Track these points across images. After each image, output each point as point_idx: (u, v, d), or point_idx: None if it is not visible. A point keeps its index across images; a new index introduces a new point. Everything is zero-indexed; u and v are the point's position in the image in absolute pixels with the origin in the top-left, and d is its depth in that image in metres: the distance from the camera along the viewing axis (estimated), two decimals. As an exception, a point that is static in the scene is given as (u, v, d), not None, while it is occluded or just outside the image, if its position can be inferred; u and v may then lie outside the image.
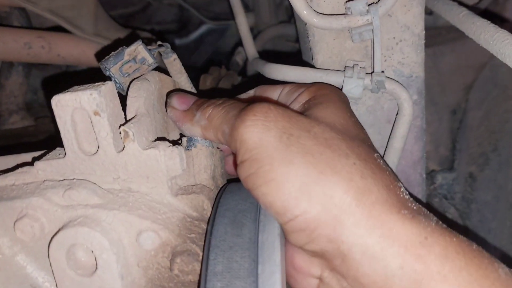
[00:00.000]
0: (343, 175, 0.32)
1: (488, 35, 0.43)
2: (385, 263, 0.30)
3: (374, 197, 0.31)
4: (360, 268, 0.31)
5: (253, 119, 0.34)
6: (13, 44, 0.72)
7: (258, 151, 0.33)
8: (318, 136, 0.34)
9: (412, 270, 0.29)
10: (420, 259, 0.30)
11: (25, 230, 0.37)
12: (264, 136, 0.33)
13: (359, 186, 0.31)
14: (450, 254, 0.30)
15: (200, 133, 0.40)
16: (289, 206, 0.32)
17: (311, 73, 0.47)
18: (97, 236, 0.35)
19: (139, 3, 1.10)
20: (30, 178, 0.40)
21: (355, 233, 0.30)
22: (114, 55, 0.44)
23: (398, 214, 0.31)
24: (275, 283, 0.31)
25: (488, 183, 0.78)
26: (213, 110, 0.39)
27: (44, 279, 0.39)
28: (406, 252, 0.30)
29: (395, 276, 0.30)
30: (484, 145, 0.80)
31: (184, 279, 0.36)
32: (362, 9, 0.44)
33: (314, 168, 0.32)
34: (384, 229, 0.30)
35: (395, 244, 0.30)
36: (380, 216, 0.31)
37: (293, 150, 0.33)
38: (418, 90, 0.50)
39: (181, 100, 0.43)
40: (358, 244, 0.30)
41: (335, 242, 0.31)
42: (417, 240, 0.30)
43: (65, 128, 0.37)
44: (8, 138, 0.80)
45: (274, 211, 0.33)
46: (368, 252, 0.30)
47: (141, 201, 0.38)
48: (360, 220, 0.31)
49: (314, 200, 0.31)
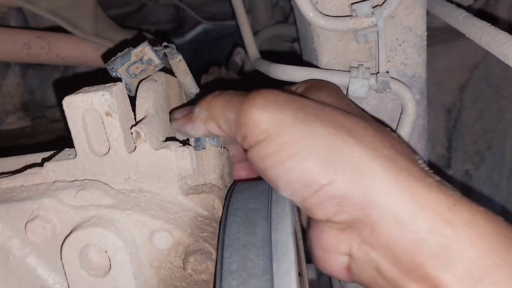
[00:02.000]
0: (367, 145, 0.32)
1: (489, 37, 0.44)
2: (415, 227, 0.30)
3: (399, 165, 0.32)
4: (390, 234, 0.31)
5: (264, 103, 0.34)
6: (12, 45, 0.71)
7: (275, 130, 0.33)
8: (332, 113, 0.34)
9: (441, 234, 0.29)
10: (448, 223, 0.30)
11: (36, 232, 0.37)
12: (279, 116, 0.33)
13: (383, 155, 0.32)
14: (478, 221, 0.30)
15: (202, 127, 0.39)
16: (317, 176, 0.32)
17: (316, 73, 0.47)
18: (111, 236, 0.35)
19: (134, 3, 1.10)
20: (40, 179, 0.39)
21: (385, 199, 0.31)
22: (121, 56, 0.44)
23: (424, 181, 0.31)
24: (291, 280, 0.32)
25: (484, 180, 0.79)
26: (212, 100, 0.38)
27: (55, 280, 0.39)
28: (435, 217, 0.30)
29: (424, 241, 0.30)
30: (479, 143, 0.82)
31: (197, 278, 0.37)
32: (367, 11, 0.45)
33: (337, 139, 0.32)
34: (413, 195, 0.30)
35: (424, 209, 0.30)
36: (408, 181, 0.31)
37: (313, 124, 0.33)
38: (420, 90, 0.51)
39: (182, 109, 0.43)
40: (388, 210, 0.31)
41: (364, 209, 0.31)
42: (446, 205, 0.30)
43: (76, 129, 0.37)
44: (5, 138, 0.79)
45: (300, 185, 0.33)
46: (398, 217, 0.30)
47: (152, 201, 0.38)
48: (388, 187, 0.31)
49: (341, 168, 0.31)
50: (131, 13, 1.11)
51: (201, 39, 1.17)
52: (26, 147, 0.74)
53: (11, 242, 0.38)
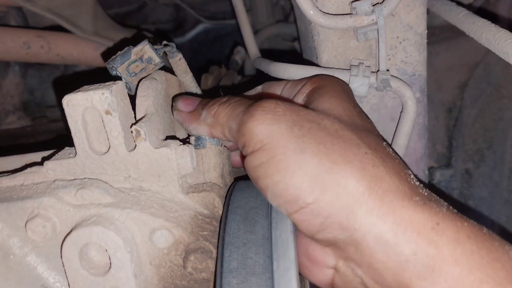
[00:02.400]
0: (355, 165, 0.32)
1: (490, 34, 0.44)
2: (399, 249, 0.31)
3: (386, 185, 0.32)
4: (374, 255, 0.31)
5: (262, 113, 0.35)
6: (12, 44, 0.71)
7: (269, 141, 0.34)
8: (328, 127, 0.34)
9: (425, 255, 0.30)
10: (432, 244, 0.30)
11: (37, 230, 0.37)
12: (275, 128, 0.34)
13: (371, 175, 0.32)
14: (461, 238, 0.30)
15: (207, 131, 0.40)
16: (302, 193, 0.32)
17: (317, 72, 0.47)
18: (111, 235, 0.35)
19: (135, 2, 1.10)
20: (40, 178, 0.39)
21: (368, 221, 0.31)
22: (121, 55, 0.44)
23: (410, 201, 0.32)
24: (291, 279, 0.32)
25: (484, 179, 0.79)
26: (218, 108, 0.39)
27: (55, 279, 0.39)
28: (418, 238, 0.30)
29: (409, 262, 0.30)
30: (479, 142, 0.82)
31: (198, 276, 0.37)
32: (367, 9, 0.45)
33: (327, 158, 0.32)
34: (397, 216, 0.31)
35: (407, 230, 0.31)
36: (392, 203, 0.31)
37: (305, 140, 0.33)
38: (421, 88, 0.51)
39: (186, 102, 0.43)
40: (371, 232, 0.31)
41: (348, 230, 0.32)
42: (429, 225, 0.31)
43: (76, 127, 0.37)
44: (5, 138, 0.79)
45: (286, 199, 0.33)
46: (382, 239, 0.31)
47: (153, 200, 0.38)
48: (372, 208, 0.31)
49: (327, 188, 0.32)
50: (132, 12, 1.11)
51: (201, 38, 1.17)
52: (26, 146, 0.74)
53: (11, 241, 0.38)
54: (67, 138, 0.39)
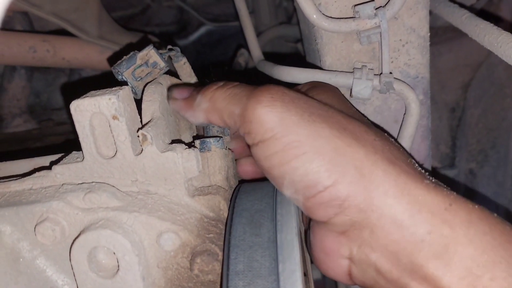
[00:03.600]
0: (369, 148, 0.33)
1: (492, 37, 0.44)
2: (414, 229, 0.31)
3: (399, 168, 0.33)
4: (390, 236, 0.32)
5: (271, 100, 0.34)
6: (18, 48, 0.72)
7: (281, 129, 0.33)
8: (335, 115, 0.35)
9: (440, 235, 0.30)
10: (446, 223, 0.30)
11: (46, 234, 0.37)
12: (285, 115, 0.34)
13: (383, 158, 0.33)
14: (474, 220, 0.31)
15: (203, 116, 0.39)
16: (321, 177, 0.32)
17: (320, 75, 0.48)
18: (119, 238, 0.36)
19: (138, 5, 1.10)
20: (48, 182, 0.40)
21: (385, 202, 0.32)
22: (126, 60, 0.44)
23: (421, 183, 0.32)
24: (296, 281, 0.32)
25: (488, 179, 0.79)
26: (216, 92, 0.38)
27: (64, 282, 0.40)
28: (433, 218, 0.31)
29: (424, 241, 0.31)
30: (483, 142, 0.82)
31: (204, 279, 0.37)
32: (370, 13, 0.45)
33: (342, 142, 0.33)
34: (411, 197, 0.31)
35: (422, 211, 0.31)
36: (407, 184, 0.32)
37: (317, 125, 0.33)
38: (424, 90, 0.51)
39: (181, 89, 0.42)
40: (387, 212, 0.31)
41: (365, 212, 0.32)
42: (443, 206, 0.31)
43: (84, 132, 0.38)
44: (12, 141, 0.80)
45: (304, 185, 0.33)
46: (397, 219, 0.31)
47: (159, 203, 0.38)
48: (388, 189, 0.32)
49: (345, 171, 0.32)
50: (135, 15, 1.11)
51: (205, 40, 1.17)
52: (33, 149, 0.74)
53: (20, 244, 0.39)
54: (74, 141, 0.39)
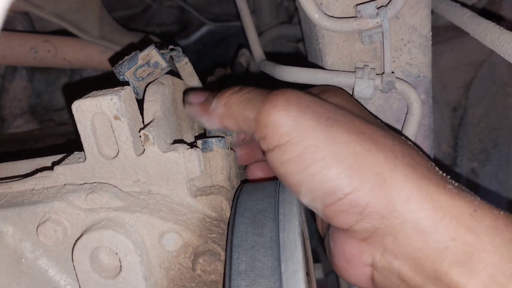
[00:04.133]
0: (388, 154, 0.32)
1: (494, 36, 0.44)
2: (437, 236, 0.30)
3: (420, 173, 0.32)
4: (413, 243, 0.31)
5: (286, 104, 0.34)
6: (19, 49, 0.72)
7: (297, 134, 0.33)
8: (352, 119, 0.34)
9: (464, 242, 0.30)
10: (471, 230, 0.30)
11: (48, 234, 0.37)
12: (301, 119, 0.33)
13: (404, 163, 0.32)
14: (500, 226, 0.30)
15: (218, 122, 0.39)
16: (341, 184, 0.32)
17: (322, 75, 0.48)
18: (122, 238, 0.36)
19: (139, 5, 1.10)
20: (50, 182, 0.40)
21: (407, 208, 0.31)
22: (128, 60, 0.44)
23: (444, 188, 0.31)
24: (299, 280, 0.32)
25: (490, 178, 0.79)
26: (231, 97, 0.38)
27: (66, 282, 0.40)
28: (457, 224, 0.30)
29: (448, 249, 0.30)
30: (484, 141, 0.82)
31: (206, 279, 0.37)
32: (371, 12, 0.45)
33: (361, 147, 0.32)
34: (434, 203, 0.31)
35: (446, 217, 0.30)
36: (429, 190, 0.31)
37: (335, 130, 0.33)
38: (426, 89, 0.51)
39: (197, 94, 0.42)
40: (410, 219, 0.31)
41: (387, 218, 0.31)
42: (467, 212, 0.30)
43: (86, 132, 0.37)
44: (13, 142, 0.80)
45: (323, 192, 0.32)
46: (420, 226, 0.31)
47: (162, 203, 0.38)
48: (410, 195, 0.31)
49: (365, 177, 0.31)
50: (136, 15, 1.11)
51: (206, 40, 1.17)
52: (34, 150, 0.74)
53: (23, 245, 0.39)
54: (76, 142, 0.39)
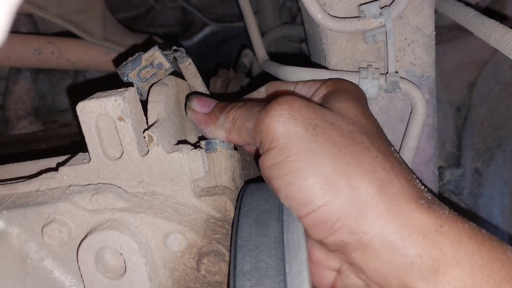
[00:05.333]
0: (367, 167, 0.33)
1: (498, 35, 0.44)
2: (405, 251, 0.31)
3: (395, 188, 0.32)
4: (380, 258, 0.32)
5: (278, 109, 0.34)
6: (23, 51, 0.72)
7: (285, 141, 0.33)
8: (342, 128, 0.35)
9: (430, 257, 0.31)
10: (436, 246, 0.31)
11: (53, 235, 0.37)
12: (290, 126, 0.34)
13: (381, 178, 0.32)
14: (463, 240, 0.31)
15: (224, 135, 0.40)
16: (315, 196, 0.32)
17: (326, 74, 0.48)
18: (126, 239, 0.36)
19: (142, 6, 1.11)
20: (55, 183, 0.40)
21: (377, 224, 0.31)
22: (131, 61, 0.44)
23: (416, 204, 0.32)
24: (303, 281, 0.32)
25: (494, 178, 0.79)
26: (236, 112, 0.39)
27: (71, 283, 0.40)
28: (424, 240, 0.31)
29: (414, 264, 0.31)
30: (488, 141, 0.82)
31: (211, 279, 0.37)
32: (375, 12, 0.45)
33: (340, 160, 0.33)
34: (403, 219, 0.31)
35: (413, 233, 0.31)
36: (400, 206, 0.32)
37: (319, 140, 0.33)
38: (430, 89, 0.51)
39: (202, 103, 0.43)
40: (379, 234, 0.31)
41: (356, 234, 0.32)
42: (434, 228, 0.31)
43: (90, 133, 0.38)
44: (17, 143, 0.80)
45: (297, 202, 0.33)
46: (389, 241, 0.31)
47: (166, 204, 0.38)
48: (381, 211, 0.32)
49: (339, 191, 0.32)
50: (139, 16, 1.12)
51: (209, 40, 1.18)
52: (39, 151, 0.75)
53: (28, 245, 0.39)
54: (80, 143, 0.39)
